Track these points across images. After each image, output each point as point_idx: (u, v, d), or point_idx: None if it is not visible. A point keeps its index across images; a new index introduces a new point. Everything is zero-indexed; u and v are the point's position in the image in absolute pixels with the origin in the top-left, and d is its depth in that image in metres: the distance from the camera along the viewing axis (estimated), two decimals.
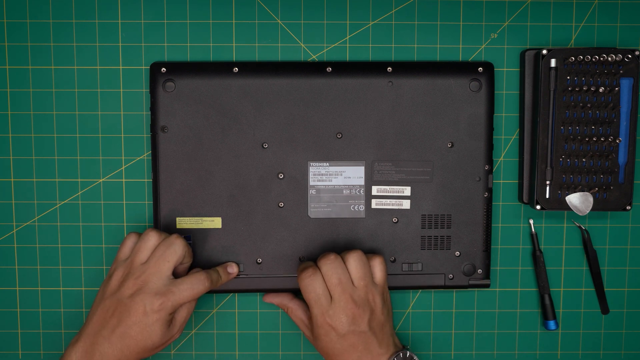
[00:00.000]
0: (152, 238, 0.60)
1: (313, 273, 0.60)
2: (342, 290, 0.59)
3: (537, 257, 0.67)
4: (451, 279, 0.66)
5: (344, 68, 0.64)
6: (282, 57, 0.66)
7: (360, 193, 0.65)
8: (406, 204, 0.65)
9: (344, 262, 0.60)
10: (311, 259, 0.65)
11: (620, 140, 0.63)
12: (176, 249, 0.59)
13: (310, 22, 0.66)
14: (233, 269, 0.65)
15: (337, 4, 0.66)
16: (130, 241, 0.61)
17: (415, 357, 0.61)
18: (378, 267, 0.61)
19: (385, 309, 0.61)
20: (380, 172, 0.65)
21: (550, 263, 0.68)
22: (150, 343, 0.58)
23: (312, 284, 0.60)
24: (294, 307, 0.65)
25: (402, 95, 0.64)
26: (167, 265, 0.59)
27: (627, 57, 0.62)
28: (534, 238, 0.67)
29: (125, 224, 0.67)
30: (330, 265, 0.60)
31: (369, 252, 0.65)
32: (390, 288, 0.66)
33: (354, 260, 0.60)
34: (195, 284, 0.59)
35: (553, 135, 0.63)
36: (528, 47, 0.66)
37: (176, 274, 0.62)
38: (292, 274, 0.66)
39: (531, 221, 0.67)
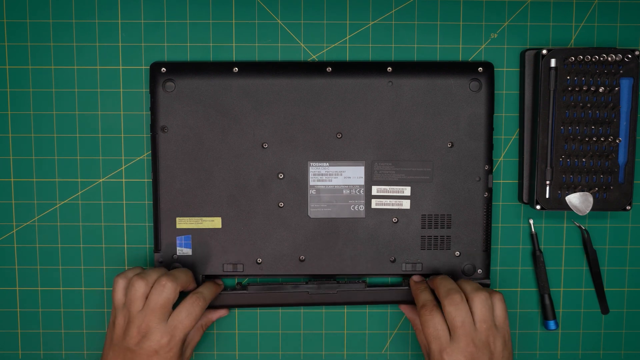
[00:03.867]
0: (140, 287, 0.60)
1: (433, 310, 0.60)
2: (464, 332, 0.59)
3: (537, 257, 0.67)
4: None
5: (344, 68, 0.64)
6: (282, 57, 0.66)
7: (360, 193, 0.65)
8: (406, 204, 0.65)
9: (468, 302, 0.60)
10: (311, 259, 0.65)
11: (620, 140, 0.63)
12: (167, 294, 0.60)
13: (310, 22, 0.66)
14: (219, 281, 0.66)
15: (337, 4, 0.66)
16: (119, 286, 0.61)
17: None
18: (499, 306, 0.61)
19: (505, 352, 0.60)
20: (380, 172, 0.65)
21: (550, 263, 0.68)
22: None
23: (432, 320, 0.60)
24: (420, 334, 0.65)
25: (402, 95, 0.64)
26: (163, 310, 0.60)
27: (627, 57, 0.62)
28: (533, 238, 0.67)
29: (125, 224, 0.67)
30: (455, 307, 0.59)
31: (370, 253, 0.65)
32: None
33: (480, 302, 0.60)
34: (192, 309, 0.61)
35: (553, 135, 0.63)
36: (528, 47, 0.66)
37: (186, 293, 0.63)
38: (292, 274, 0.66)
39: (531, 221, 0.67)
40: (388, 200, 0.65)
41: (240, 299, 0.66)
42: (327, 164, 0.65)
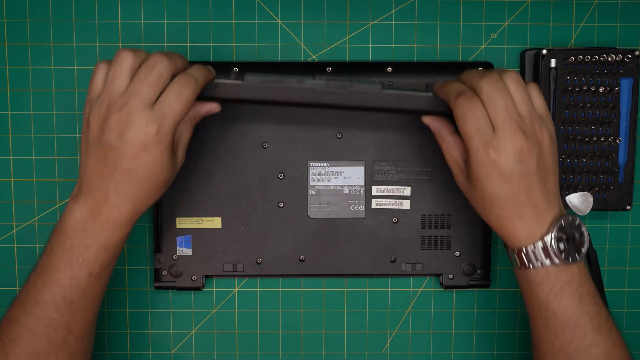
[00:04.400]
0: (127, 59, 0.49)
1: (473, 98, 0.49)
2: (508, 116, 0.48)
3: None
4: (451, 279, 0.66)
5: (344, 68, 0.64)
6: (282, 57, 0.66)
7: (360, 193, 0.65)
8: (406, 204, 0.65)
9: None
10: (311, 259, 0.65)
11: (620, 140, 0.63)
12: (161, 71, 0.49)
13: (310, 22, 0.66)
14: (210, 67, 0.55)
15: (337, 4, 0.66)
16: (101, 72, 0.51)
17: (583, 226, 0.51)
18: (536, 95, 0.51)
19: (553, 149, 0.51)
20: (380, 172, 0.65)
21: None
22: (162, 178, 0.51)
23: (472, 109, 0.49)
24: (452, 143, 0.54)
25: None
26: (151, 92, 0.49)
27: (627, 57, 0.62)
28: None
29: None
30: (494, 85, 0.49)
31: (370, 253, 0.65)
32: (391, 287, 0.66)
33: (513, 81, 0.50)
34: (181, 91, 0.50)
35: None
36: (528, 47, 0.66)
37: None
38: (292, 274, 0.66)
39: None
40: (388, 200, 0.65)
41: (236, 91, 0.55)
42: (327, 164, 0.65)
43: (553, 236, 0.50)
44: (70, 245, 0.51)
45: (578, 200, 0.64)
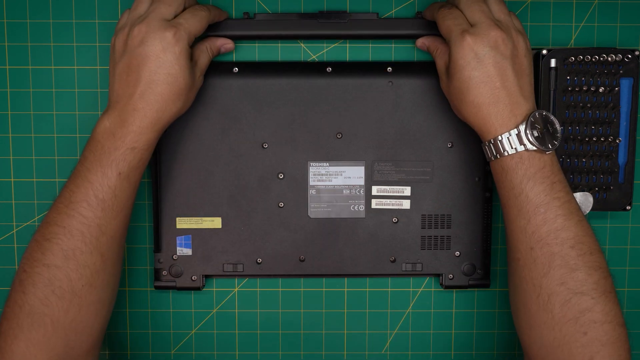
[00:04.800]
0: None
1: (452, 7, 0.57)
2: (484, 15, 0.55)
3: None
4: (451, 279, 0.66)
5: (344, 68, 0.64)
6: (282, 57, 0.66)
7: (360, 193, 0.65)
8: (406, 204, 0.65)
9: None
10: (311, 259, 0.65)
11: (620, 140, 0.63)
12: (176, 3, 0.56)
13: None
14: (224, 12, 0.63)
15: (337, 4, 0.66)
16: (126, 13, 0.58)
17: (556, 122, 0.55)
18: (514, 16, 0.57)
19: (528, 55, 0.56)
20: (380, 172, 0.65)
21: None
22: (182, 83, 0.55)
23: (451, 13, 0.56)
24: (444, 50, 0.60)
25: (402, 95, 0.64)
26: (168, 9, 0.56)
27: (627, 57, 0.62)
28: None
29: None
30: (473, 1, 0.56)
31: (370, 253, 0.65)
32: (391, 287, 0.66)
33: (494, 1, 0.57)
34: (196, 10, 0.57)
35: None
36: None
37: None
38: (292, 274, 0.66)
39: None
40: (388, 200, 0.65)
41: (247, 26, 0.63)
42: (327, 164, 0.65)
43: (527, 124, 0.54)
44: (101, 149, 0.55)
45: (578, 200, 0.64)
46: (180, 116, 0.64)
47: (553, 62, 0.62)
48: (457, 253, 0.66)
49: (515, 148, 0.54)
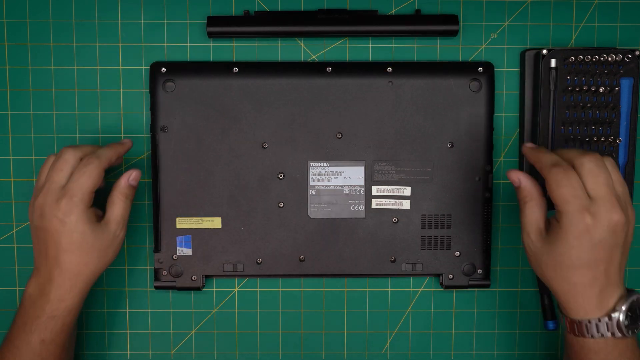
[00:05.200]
0: (68, 159, 0.58)
1: (569, 168, 0.52)
2: (609, 191, 0.51)
3: None
4: (451, 279, 0.66)
5: (344, 68, 0.64)
6: (282, 57, 0.66)
7: (360, 193, 0.65)
8: (406, 204, 0.65)
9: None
10: (311, 259, 0.65)
11: (620, 140, 0.63)
12: (66, 158, 0.58)
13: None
14: (126, 140, 0.62)
15: (336, 4, 0.66)
16: (45, 166, 0.60)
17: None
18: (625, 185, 0.54)
19: (632, 231, 0.53)
20: (380, 172, 0.65)
21: None
22: (89, 245, 0.57)
23: (568, 179, 0.51)
24: (539, 203, 0.55)
25: (402, 95, 0.64)
26: (60, 174, 0.57)
27: (627, 57, 0.62)
28: None
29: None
30: (595, 163, 0.51)
31: (370, 253, 0.65)
32: (391, 287, 0.66)
33: (611, 164, 0.53)
34: (85, 168, 0.57)
35: (553, 136, 0.63)
36: (528, 47, 0.66)
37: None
38: (292, 274, 0.66)
39: None
40: (388, 200, 0.65)
41: (246, 23, 0.63)
42: (327, 164, 0.65)
43: (622, 314, 0.52)
44: (25, 315, 0.58)
45: None
46: (180, 116, 0.64)
47: (553, 62, 0.62)
48: (457, 253, 0.66)
49: (602, 334, 0.52)
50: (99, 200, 0.62)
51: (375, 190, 0.65)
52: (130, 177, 0.60)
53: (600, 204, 0.51)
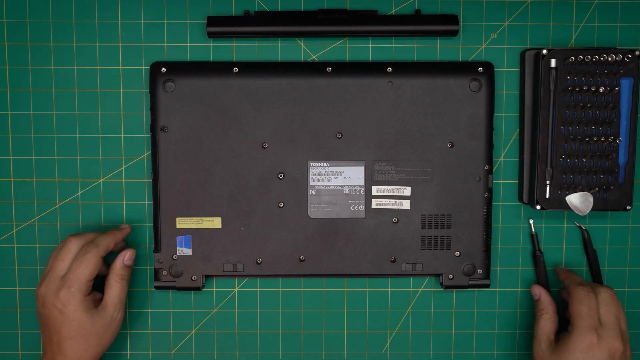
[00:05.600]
0: (68, 253, 0.62)
1: (591, 292, 0.61)
2: (616, 322, 0.60)
3: (537, 257, 0.67)
4: (451, 279, 0.66)
5: (344, 68, 0.64)
6: (282, 57, 0.66)
7: (360, 193, 0.65)
8: (406, 204, 0.65)
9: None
10: (311, 259, 0.65)
11: (620, 140, 0.63)
12: (69, 247, 0.61)
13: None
14: (124, 226, 0.66)
15: (336, 4, 0.66)
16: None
17: None
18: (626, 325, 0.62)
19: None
20: (380, 172, 0.65)
21: (551, 263, 0.68)
22: (89, 329, 0.60)
23: (589, 299, 0.60)
24: (553, 317, 0.64)
25: (402, 95, 0.64)
26: (62, 264, 0.61)
27: (627, 57, 0.62)
28: (534, 238, 0.67)
29: (125, 223, 0.67)
30: (612, 297, 0.61)
31: (370, 253, 0.65)
32: (391, 288, 0.66)
33: (620, 305, 0.61)
34: (82, 256, 0.60)
35: (553, 135, 0.63)
36: (528, 47, 0.66)
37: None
38: (292, 274, 0.66)
39: (531, 221, 0.67)
40: (388, 200, 0.65)
41: (246, 22, 0.64)
42: (327, 164, 0.65)
43: None
44: None
45: (578, 200, 0.64)
46: (180, 116, 0.64)
47: (553, 62, 0.62)
48: (457, 253, 0.66)
49: None
50: (100, 282, 0.64)
51: (375, 190, 0.65)
52: (124, 258, 0.63)
53: (608, 329, 0.59)
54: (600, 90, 0.62)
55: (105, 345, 0.62)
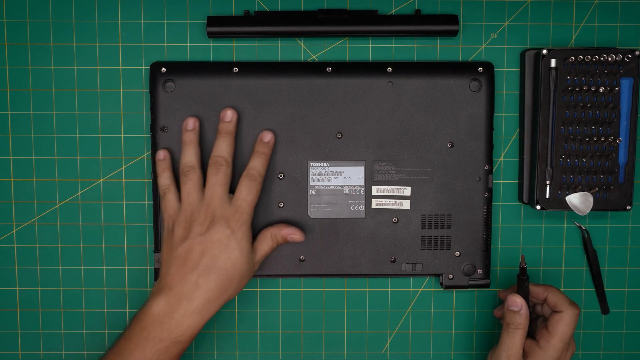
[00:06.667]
0: (194, 175, 0.60)
1: (579, 313, 0.61)
2: (573, 343, 0.62)
3: (521, 280, 0.67)
4: (451, 279, 0.66)
5: (344, 68, 0.64)
6: (282, 57, 0.66)
7: (360, 193, 0.65)
8: (406, 204, 0.65)
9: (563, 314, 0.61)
10: (311, 259, 0.65)
11: (620, 140, 0.63)
12: (225, 171, 0.59)
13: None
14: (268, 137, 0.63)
15: (336, 4, 0.66)
16: (171, 194, 0.61)
17: None
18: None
19: None
20: (380, 172, 0.65)
21: (551, 263, 0.68)
22: (239, 267, 0.58)
23: (576, 322, 0.60)
24: (525, 333, 0.61)
25: (402, 95, 0.64)
26: (224, 189, 0.59)
27: (627, 57, 0.62)
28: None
29: (125, 224, 0.67)
30: (577, 317, 0.60)
31: (370, 253, 0.65)
32: (391, 288, 0.66)
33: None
34: (249, 184, 0.60)
35: (553, 135, 0.63)
36: (528, 47, 0.66)
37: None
38: (292, 274, 0.66)
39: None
40: (388, 200, 0.65)
41: (245, 22, 0.64)
42: (327, 164, 0.65)
43: None
44: (146, 337, 0.56)
45: (578, 200, 0.64)
46: (180, 116, 0.64)
47: (553, 62, 0.62)
48: (457, 253, 0.66)
49: None
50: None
51: (375, 190, 0.65)
52: (291, 234, 0.62)
53: (572, 344, 0.61)
54: (600, 90, 0.62)
55: (237, 291, 0.59)
